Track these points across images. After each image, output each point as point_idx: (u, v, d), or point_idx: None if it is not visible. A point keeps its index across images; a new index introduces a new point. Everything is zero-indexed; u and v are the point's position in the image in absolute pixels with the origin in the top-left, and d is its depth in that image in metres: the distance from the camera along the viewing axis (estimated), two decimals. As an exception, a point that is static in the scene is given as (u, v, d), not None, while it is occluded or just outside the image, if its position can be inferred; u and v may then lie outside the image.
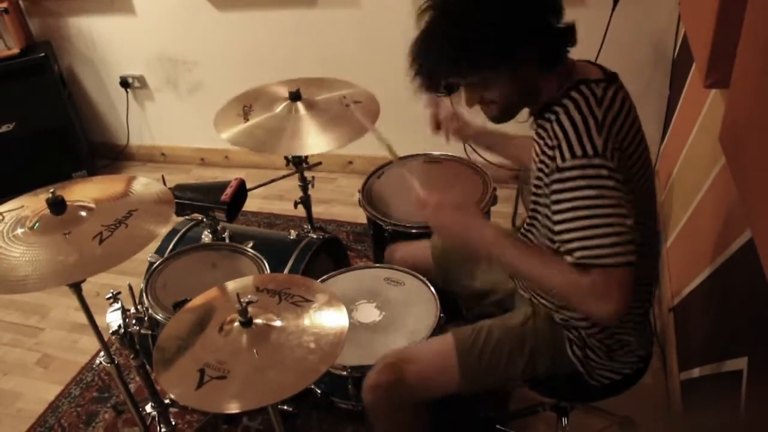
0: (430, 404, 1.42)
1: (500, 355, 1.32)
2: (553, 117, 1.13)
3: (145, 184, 1.47)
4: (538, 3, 1.08)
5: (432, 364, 1.33)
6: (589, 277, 1.03)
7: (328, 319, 1.25)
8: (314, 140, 1.87)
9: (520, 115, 1.24)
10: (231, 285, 1.39)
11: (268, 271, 1.70)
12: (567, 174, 1.05)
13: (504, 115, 1.20)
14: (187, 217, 1.99)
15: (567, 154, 1.05)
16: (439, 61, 1.11)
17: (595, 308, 1.05)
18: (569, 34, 1.11)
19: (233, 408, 1.10)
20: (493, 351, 1.31)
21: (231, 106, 2.00)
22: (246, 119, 1.93)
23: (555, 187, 1.07)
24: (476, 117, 1.45)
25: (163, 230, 1.53)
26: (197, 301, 1.36)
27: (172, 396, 1.13)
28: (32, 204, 1.38)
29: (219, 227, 1.89)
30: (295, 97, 1.95)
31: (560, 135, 1.08)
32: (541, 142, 1.16)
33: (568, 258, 1.06)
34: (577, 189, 1.04)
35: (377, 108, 1.95)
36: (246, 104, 1.99)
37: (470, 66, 1.10)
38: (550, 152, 1.11)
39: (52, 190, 1.33)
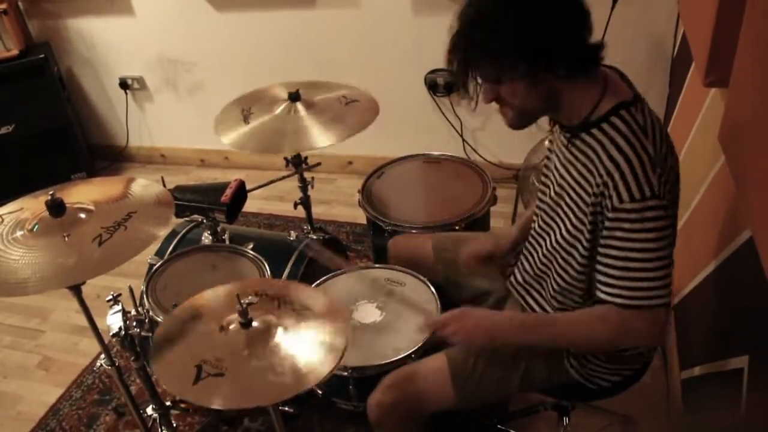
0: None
1: (493, 372, 1.33)
2: (597, 145, 1.10)
3: (144, 185, 1.47)
4: (571, 14, 1.07)
5: (428, 381, 1.34)
6: (623, 316, 1.09)
7: (327, 326, 1.25)
8: (315, 139, 1.86)
9: (543, 119, 1.23)
10: (230, 287, 1.39)
11: (269, 272, 1.70)
12: (623, 215, 1.05)
13: (521, 119, 1.16)
14: (186, 218, 1.99)
15: (625, 196, 1.04)
16: (475, 51, 1.07)
17: (632, 343, 1.22)
18: (597, 51, 1.10)
19: (229, 404, 1.10)
20: (485, 369, 1.32)
21: (230, 110, 2.00)
22: (246, 122, 1.93)
23: (608, 225, 1.08)
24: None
25: (163, 232, 1.53)
26: (194, 300, 1.36)
27: (166, 387, 1.14)
28: (31, 206, 1.38)
29: (219, 229, 1.89)
30: (294, 97, 1.95)
31: (614, 172, 1.05)
32: (578, 162, 1.15)
33: (606, 297, 1.10)
34: (633, 231, 1.05)
35: (377, 108, 1.95)
36: (245, 107, 1.99)
37: (491, 61, 1.07)
38: (594, 180, 1.09)
39: (51, 192, 1.33)
